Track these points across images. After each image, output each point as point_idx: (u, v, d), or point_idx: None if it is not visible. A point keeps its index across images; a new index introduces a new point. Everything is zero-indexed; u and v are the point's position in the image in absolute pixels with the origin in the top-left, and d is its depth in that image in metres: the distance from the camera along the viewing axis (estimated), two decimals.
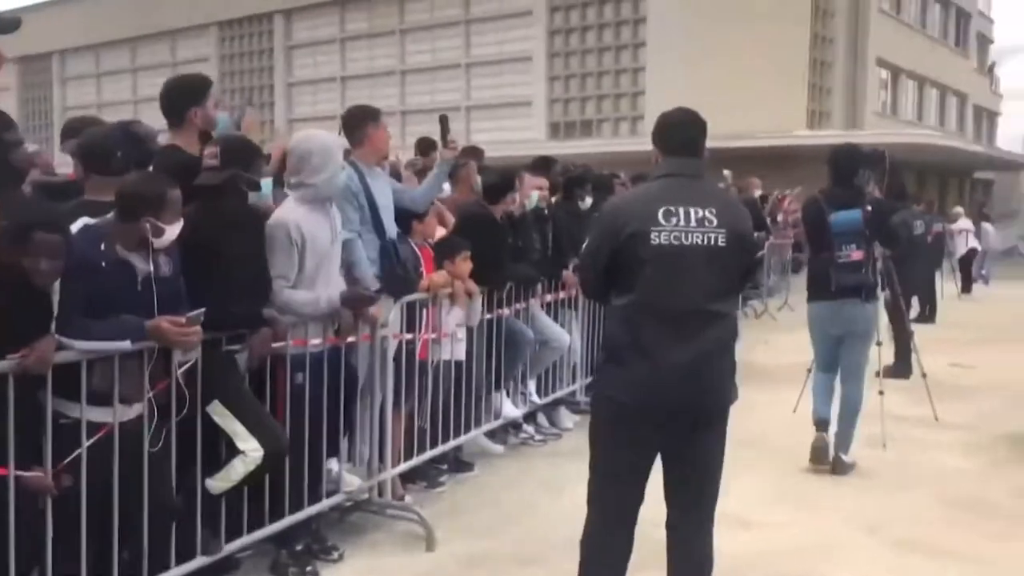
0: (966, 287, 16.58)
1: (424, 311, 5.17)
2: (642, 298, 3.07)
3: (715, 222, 3.08)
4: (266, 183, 4.30)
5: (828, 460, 5.82)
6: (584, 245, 3.49)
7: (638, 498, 3.21)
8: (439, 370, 5.34)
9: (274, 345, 3.96)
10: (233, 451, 3.68)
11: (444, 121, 5.38)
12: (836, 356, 5.85)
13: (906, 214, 9.47)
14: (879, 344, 6.32)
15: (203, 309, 3.34)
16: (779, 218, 17.67)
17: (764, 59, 25.36)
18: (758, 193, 13.87)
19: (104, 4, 39.43)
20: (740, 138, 23.52)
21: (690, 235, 3.05)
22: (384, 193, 5.06)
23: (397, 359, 4.93)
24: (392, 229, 5.06)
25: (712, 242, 3.07)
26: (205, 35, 38.58)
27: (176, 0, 37.25)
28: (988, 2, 41.50)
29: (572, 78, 29.99)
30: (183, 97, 4.09)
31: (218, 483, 3.68)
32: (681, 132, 3.28)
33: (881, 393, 6.49)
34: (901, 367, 8.43)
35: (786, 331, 11.47)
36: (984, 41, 41.54)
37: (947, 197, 30.87)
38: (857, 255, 5.51)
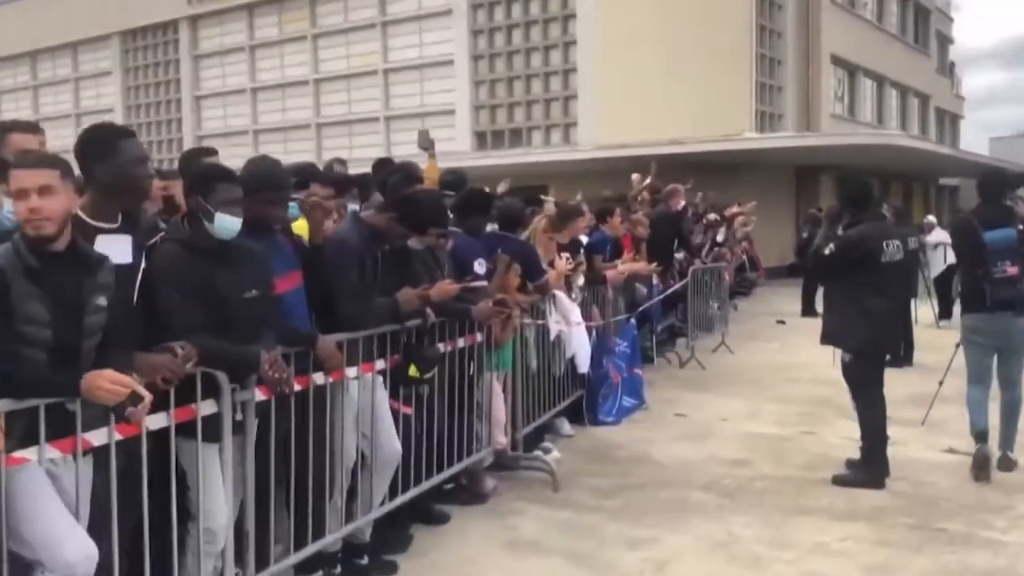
0: (945, 311, 13.65)
1: None
2: None
3: None
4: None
5: (989, 469, 5.90)
6: None
7: None
8: None
9: None
10: None
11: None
12: (988, 368, 6.10)
13: None
14: None
15: None
16: (719, 237, 14.76)
17: (705, 55, 22.66)
18: (681, 204, 10.95)
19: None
20: (681, 144, 20.79)
21: None
22: None
23: None
24: None
25: None
26: (107, 46, 35.37)
27: (76, 8, 34.10)
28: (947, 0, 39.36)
29: (498, 82, 27.07)
30: None
31: None
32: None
33: None
34: None
35: (716, 389, 8.50)
36: (944, 40, 39.32)
37: (911, 205, 28.32)
38: (1012, 271, 5.84)
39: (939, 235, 14.25)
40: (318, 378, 3.62)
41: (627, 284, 9.02)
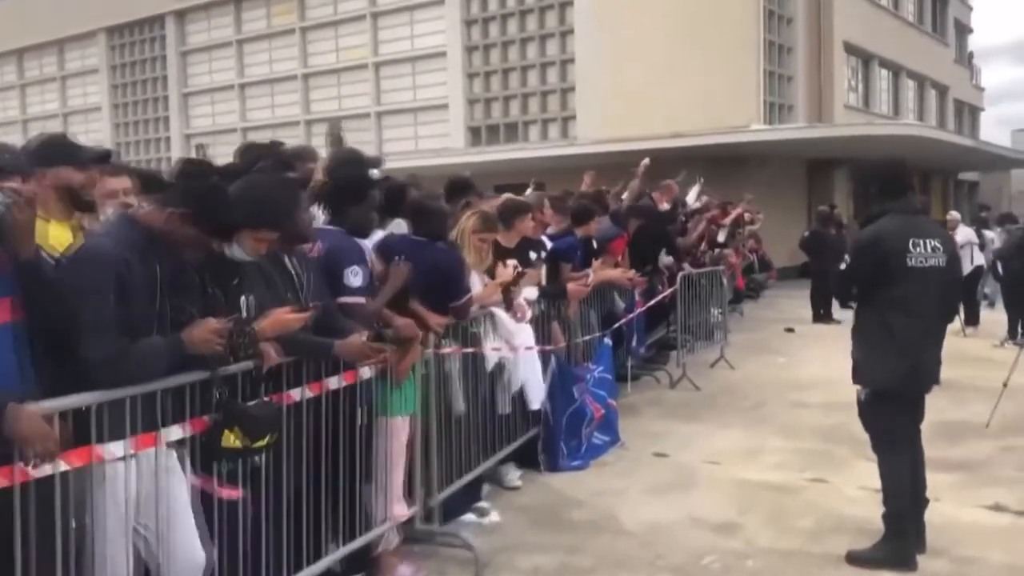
0: (971, 318, 12.23)
1: None
2: None
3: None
4: None
5: None
6: None
7: None
8: None
9: None
10: None
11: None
12: None
13: None
14: None
15: None
16: (721, 237, 13.40)
17: (710, 42, 21.26)
18: (666, 205, 9.61)
19: None
20: (685, 137, 19.42)
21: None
22: None
23: None
24: None
25: None
26: (94, 43, 34.27)
27: (62, 3, 33.02)
28: None
29: (492, 74, 25.72)
30: None
31: None
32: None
33: None
34: None
35: (709, 417, 7.16)
36: (963, 29, 37.68)
37: (930, 201, 26.79)
38: None
39: (965, 233, 12.83)
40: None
41: (605, 295, 7.69)
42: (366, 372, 3.64)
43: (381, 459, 3.88)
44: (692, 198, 12.79)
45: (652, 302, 8.47)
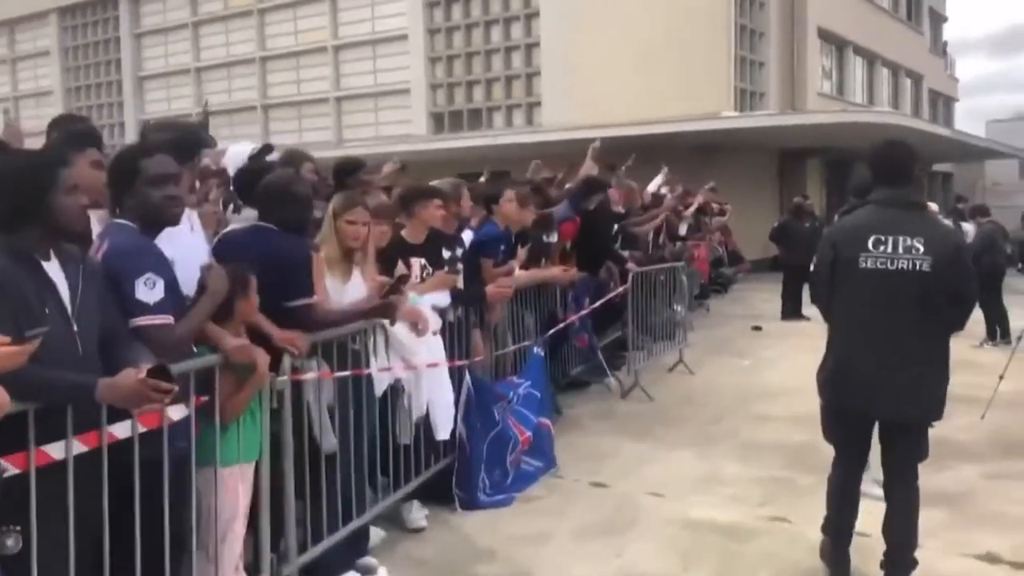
0: None
1: None
2: None
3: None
4: None
5: None
6: None
7: None
8: None
9: None
10: None
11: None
12: None
13: None
14: None
15: None
16: (682, 230, 12.61)
17: (680, 27, 20.41)
18: (621, 208, 8.79)
19: None
20: (652, 124, 18.59)
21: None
22: None
23: None
24: None
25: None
26: (45, 24, 32.95)
27: None
28: None
29: (456, 58, 24.75)
30: None
31: None
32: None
33: None
34: None
35: (659, 434, 6.33)
36: (937, 18, 37.06)
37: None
38: None
39: None
40: None
41: (545, 293, 6.82)
42: (175, 413, 2.75)
43: (208, 521, 2.99)
44: (653, 188, 11.98)
45: (599, 303, 7.59)
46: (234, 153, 4.55)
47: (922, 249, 3.61)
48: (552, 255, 7.11)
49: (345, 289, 3.86)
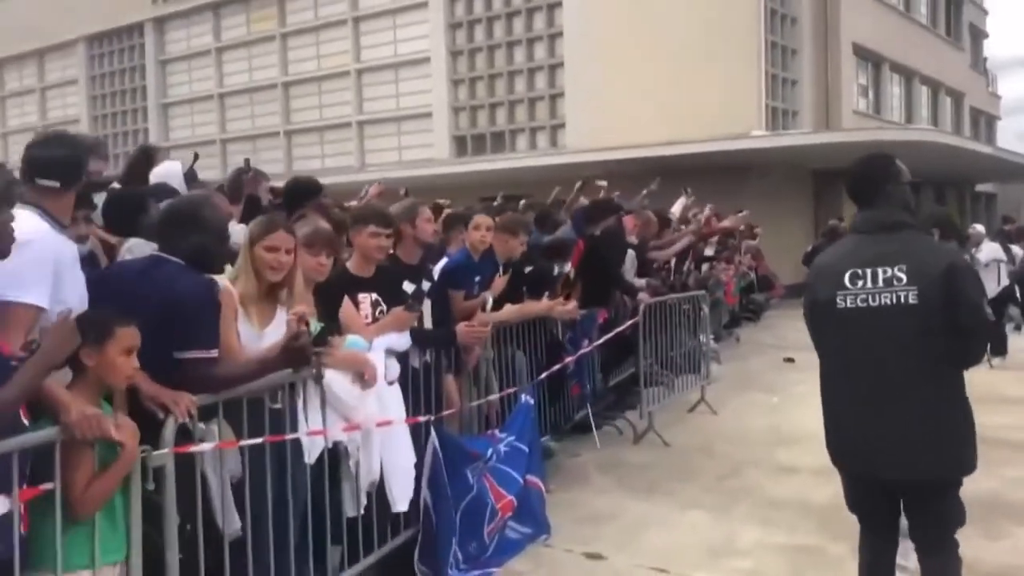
0: (998, 347, 10.46)
1: None
2: None
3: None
4: None
5: None
6: None
7: None
8: None
9: None
10: None
11: None
12: None
13: None
14: None
15: None
16: (708, 251, 11.88)
17: (709, 43, 19.71)
18: (635, 239, 8.09)
19: None
20: (680, 144, 17.91)
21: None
22: None
23: None
24: None
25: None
26: (73, 53, 33.09)
27: (42, 12, 31.80)
28: None
29: (478, 80, 24.23)
30: None
31: None
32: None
33: None
34: None
35: (671, 489, 5.53)
36: (978, 34, 35.97)
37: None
38: None
39: (990, 250, 11.17)
40: None
41: (541, 327, 6.11)
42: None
43: None
44: (677, 210, 11.26)
45: (603, 339, 6.85)
46: (165, 172, 3.92)
47: (905, 279, 3.03)
48: (554, 287, 6.42)
49: (264, 335, 3.17)
